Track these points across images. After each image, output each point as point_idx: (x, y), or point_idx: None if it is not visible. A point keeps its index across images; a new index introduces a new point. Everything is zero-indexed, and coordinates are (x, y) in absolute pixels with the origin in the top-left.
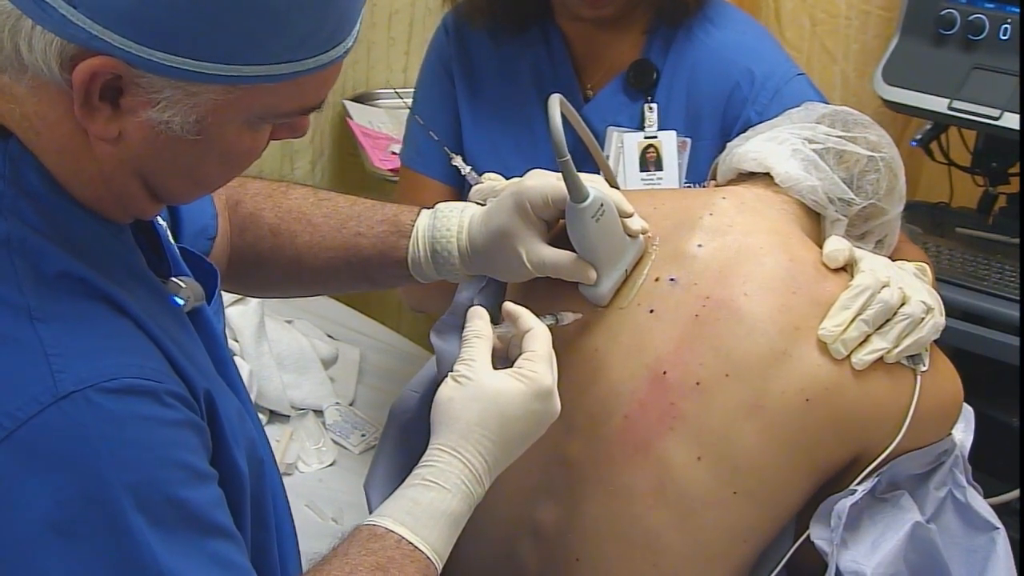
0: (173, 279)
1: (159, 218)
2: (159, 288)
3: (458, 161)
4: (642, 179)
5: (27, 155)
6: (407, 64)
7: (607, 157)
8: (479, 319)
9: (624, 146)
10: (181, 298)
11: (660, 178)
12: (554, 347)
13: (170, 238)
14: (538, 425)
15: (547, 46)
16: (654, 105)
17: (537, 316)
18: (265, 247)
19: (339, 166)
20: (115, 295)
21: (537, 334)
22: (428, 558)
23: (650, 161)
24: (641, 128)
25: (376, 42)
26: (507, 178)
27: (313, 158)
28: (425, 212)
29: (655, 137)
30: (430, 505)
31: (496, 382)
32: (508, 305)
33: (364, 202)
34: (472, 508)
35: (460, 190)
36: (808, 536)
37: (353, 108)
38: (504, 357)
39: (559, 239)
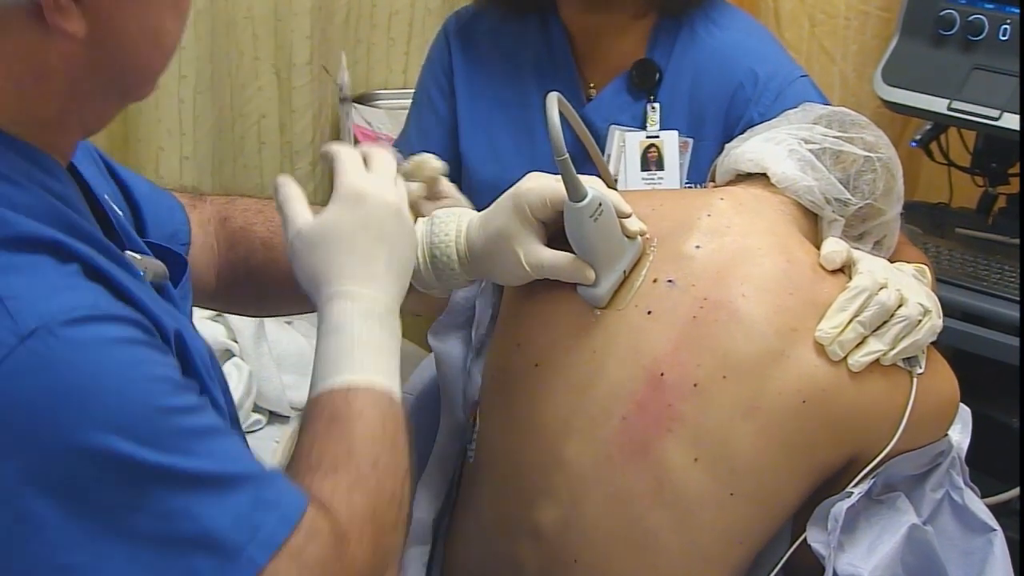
0: (128, 252)
1: (115, 207)
2: (114, 252)
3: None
4: (643, 178)
5: None
6: (407, 64)
7: (608, 156)
8: (283, 186)
9: (626, 145)
10: (138, 270)
11: (661, 178)
12: (551, 350)
13: (124, 223)
14: (379, 226)
15: (549, 45)
16: (656, 105)
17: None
18: (257, 260)
19: None
20: (65, 243)
21: (336, 151)
22: (367, 386)
23: (651, 160)
24: (643, 128)
25: (376, 43)
26: (506, 179)
27: (314, 159)
28: (422, 220)
29: (657, 136)
30: (338, 349)
31: (319, 218)
32: (324, 148)
33: None
34: (392, 332)
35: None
36: (805, 539)
37: (353, 108)
38: None
39: (557, 242)
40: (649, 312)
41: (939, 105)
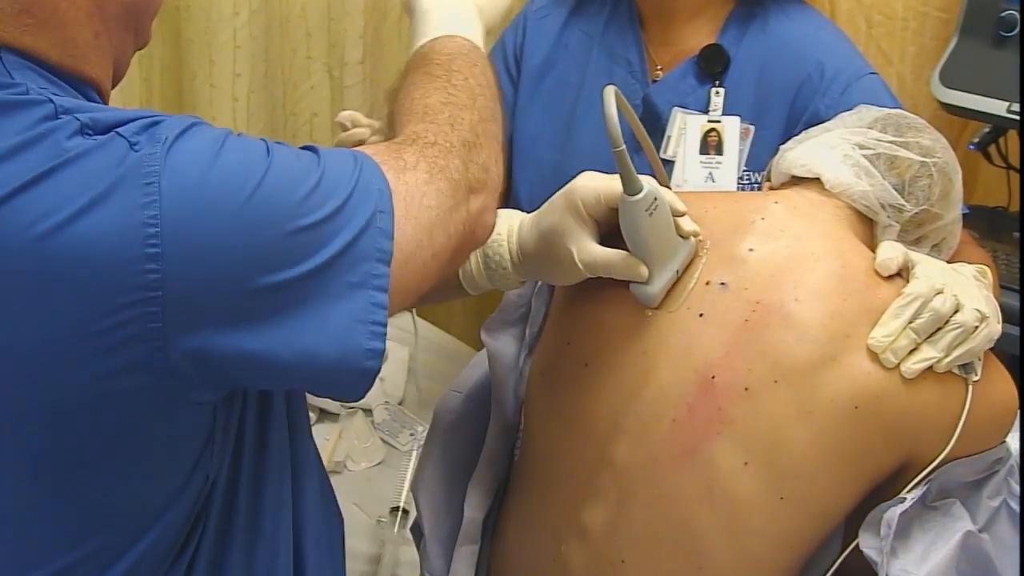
0: None
1: None
2: None
3: None
4: (701, 162)
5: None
6: None
7: (668, 137)
8: None
9: (687, 128)
10: None
11: (720, 162)
12: (602, 350)
13: None
14: None
15: (619, 27)
16: (721, 90)
17: None
18: None
19: None
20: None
21: None
22: (448, 36)
23: (711, 145)
24: (706, 112)
25: None
26: (566, 162)
27: None
28: None
29: (718, 121)
30: (419, 29)
31: None
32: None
33: None
34: (470, 12)
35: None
36: (857, 544)
37: None
38: None
39: (610, 241)
40: (701, 314)
41: (998, 107)
